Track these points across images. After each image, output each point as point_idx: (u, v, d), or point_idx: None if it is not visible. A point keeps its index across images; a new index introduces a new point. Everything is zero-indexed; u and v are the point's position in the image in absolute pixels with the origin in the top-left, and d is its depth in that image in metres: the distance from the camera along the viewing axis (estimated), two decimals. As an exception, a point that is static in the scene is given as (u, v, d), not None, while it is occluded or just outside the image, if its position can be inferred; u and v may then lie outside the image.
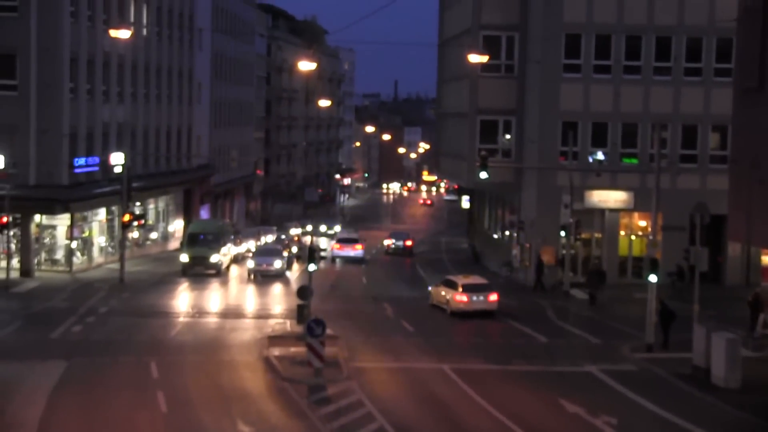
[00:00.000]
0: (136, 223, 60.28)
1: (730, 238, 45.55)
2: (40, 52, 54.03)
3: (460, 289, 46.93)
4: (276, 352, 36.07)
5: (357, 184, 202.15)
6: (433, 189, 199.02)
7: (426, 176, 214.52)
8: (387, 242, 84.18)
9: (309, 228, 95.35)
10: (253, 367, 34.65)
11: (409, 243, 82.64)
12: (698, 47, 57.78)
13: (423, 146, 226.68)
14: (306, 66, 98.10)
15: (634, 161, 57.72)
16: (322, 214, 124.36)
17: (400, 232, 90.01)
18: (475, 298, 46.82)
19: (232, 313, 46.43)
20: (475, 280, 49.34)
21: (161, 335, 40.14)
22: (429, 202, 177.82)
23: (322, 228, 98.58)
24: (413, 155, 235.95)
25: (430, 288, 51.79)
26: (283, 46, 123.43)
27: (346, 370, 33.74)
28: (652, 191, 41.63)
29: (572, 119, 57.65)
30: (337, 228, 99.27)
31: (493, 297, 47.17)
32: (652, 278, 38.87)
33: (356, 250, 73.34)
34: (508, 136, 61.48)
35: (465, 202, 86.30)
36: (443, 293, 48.19)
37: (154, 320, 43.56)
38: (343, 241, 75.27)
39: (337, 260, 72.69)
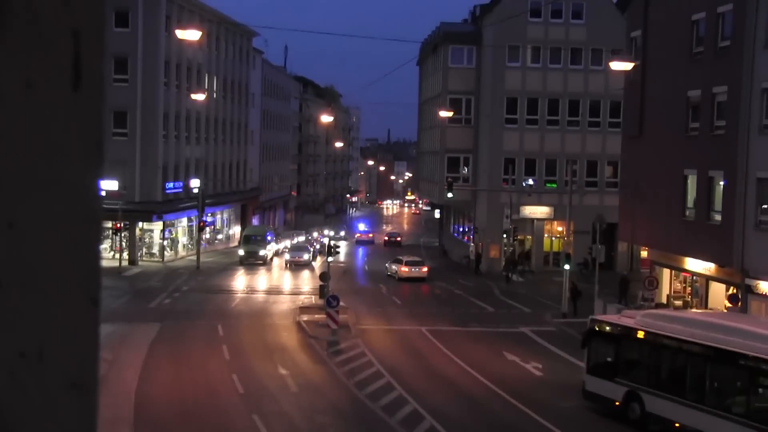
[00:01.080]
0: (207, 228, 60.34)
1: (620, 238, 45.67)
2: (143, 110, 54.16)
3: (404, 263, 50.63)
4: (305, 317, 36.23)
5: (361, 201, 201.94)
6: (413, 205, 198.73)
7: (409, 195, 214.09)
8: (385, 238, 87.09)
9: (326, 232, 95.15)
10: (289, 328, 34.81)
11: (398, 238, 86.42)
12: (598, 107, 58.03)
13: (407, 174, 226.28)
14: (326, 119, 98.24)
15: (554, 186, 57.81)
16: (337, 221, 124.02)
17: (394, 232, 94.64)
18: (413, 269, 50.33)
19: (274, 291, 46.56)
20: (414, 258, 52.92)
21: (225, 306, 40.27)
22: (417, 212, 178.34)
23: (331, 234, 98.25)
24: (401, 181, 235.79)
25: (386, 264, 53.56)
26: (310, 105, 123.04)
27: (354, 331, 33.90)
28: (566, 207, 41.81)
29: (511, 156, 57.81)
30: (342, 233, 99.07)
31: (425, 269, 50.65)
32: (566, 267, 39.06)
33: (369, 237, 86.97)
34: (466, 168, 61.63)
35: (437, 213, 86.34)
36: (394, 266, 51.48)
37: (220, 295, 43.64)
38: (361, 232, 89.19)
39: (358, 247, 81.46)
